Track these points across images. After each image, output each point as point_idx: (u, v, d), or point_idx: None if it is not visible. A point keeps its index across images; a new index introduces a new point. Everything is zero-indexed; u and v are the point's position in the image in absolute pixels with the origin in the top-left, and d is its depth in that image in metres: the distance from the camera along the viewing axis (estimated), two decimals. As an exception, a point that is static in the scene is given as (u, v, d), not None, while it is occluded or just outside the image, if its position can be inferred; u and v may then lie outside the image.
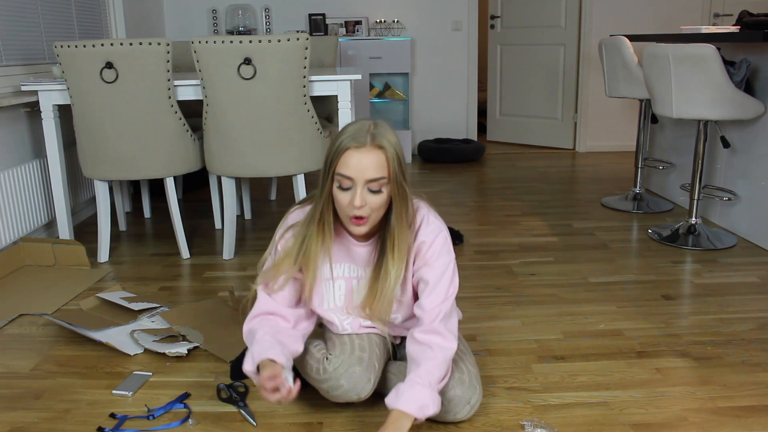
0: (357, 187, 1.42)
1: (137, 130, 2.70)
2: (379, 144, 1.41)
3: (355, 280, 1.62)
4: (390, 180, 1.44)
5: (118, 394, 1.78)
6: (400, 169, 1.44)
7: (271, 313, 1.59)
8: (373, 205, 1.44)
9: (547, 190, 4.11)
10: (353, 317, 1.65)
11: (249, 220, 3.54)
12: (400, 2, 5.28)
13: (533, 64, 5.57)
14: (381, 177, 1.42)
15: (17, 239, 2.87)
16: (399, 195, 1.46)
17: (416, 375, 1.48)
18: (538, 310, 2.30)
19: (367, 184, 1.42)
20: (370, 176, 1.41)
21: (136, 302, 2.35)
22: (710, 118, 2.79)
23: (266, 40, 2.55)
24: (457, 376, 1.58)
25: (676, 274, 2.64)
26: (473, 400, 1.58)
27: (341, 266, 1.62)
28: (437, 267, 1.55)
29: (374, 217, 1.47)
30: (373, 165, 1.40)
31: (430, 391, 1.46)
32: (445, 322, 1.55)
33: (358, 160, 1.40)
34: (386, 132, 1.44)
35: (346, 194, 1.44)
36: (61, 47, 2.60)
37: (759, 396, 1.73)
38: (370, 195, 1.43)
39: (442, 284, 1.55)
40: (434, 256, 1.55)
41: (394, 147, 1.43)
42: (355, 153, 1.40)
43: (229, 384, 1.81)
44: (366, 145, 1.40)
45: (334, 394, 1.57)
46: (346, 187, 1.43)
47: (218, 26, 5.23)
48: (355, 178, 1.41)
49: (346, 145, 1.41)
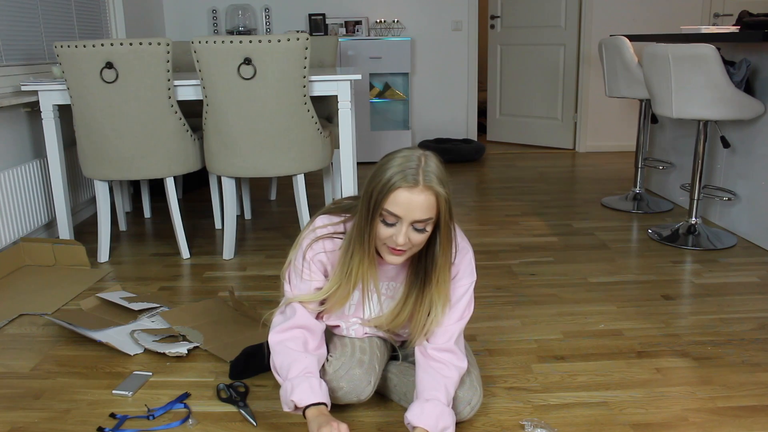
0: (403, 225, 1.39)
1: (137, 130, 2.70)
2: (431, 185, 1.36)
3: (388, 299, 1.61)
4: (437, 220, 1.42)
5: (118, 394, 1.78)
6: (448, 210, 1.41)
7: (304, 327, 1.57)
8: (414, 241, 1.42)
9: (547, 190, 4.11)
10: (361, 325, 1.65)
11: (249, 220, 3.54)
12: (400, 2, 5.28)
13: (533, 64, 5.57)
14: (429, 218, 1.39)
15: (17, 239, 2.87)
16: (445, 235, 1.45)
17: (438, 394, 1.49)
18: (538, 310, 2.30)
19: (414, 224, 1.39)
20: (418, 217, 1.37)
21: (136, 302, 2.35)
22: (710, 118, 2.79)
23: (266, 40, 2.55)
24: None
25: (676, 274, 2.64)
26: (474, 401, 1.58)
27: (383, 284, 1.61)
28: (460, 287, 1.56)
29: (414, 250, 1.46)
30: (423, 207, 1.36)
31: (449, 411, 1.49)
32: (459, 341, 1.58)
33: (408, 201, 1.36)
34: (437, 170, 1.38)
35: (389, 229, 1.40)
36: (61, 47, 2.60)
37: (759, 396, 1.73)
38: (414, 233, 1.40)
39: (461, 303, 1.57)
40: (459, 276, 1.56)
41: (445, 188, 1.38)
42: (406, 192, 1.35)
43: (229, 384, 1.81)
44: (419, 185, 1.35)
45: (335, 396, 1.57)
46: (390, 223, 1.40)
47: (218, 26, 5.23)
48: (403, 217, 1.38)
49: (397, 185, 1.35)
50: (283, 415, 1.67)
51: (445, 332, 1.55)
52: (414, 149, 1.42)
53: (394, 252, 1.43)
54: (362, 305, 1.62)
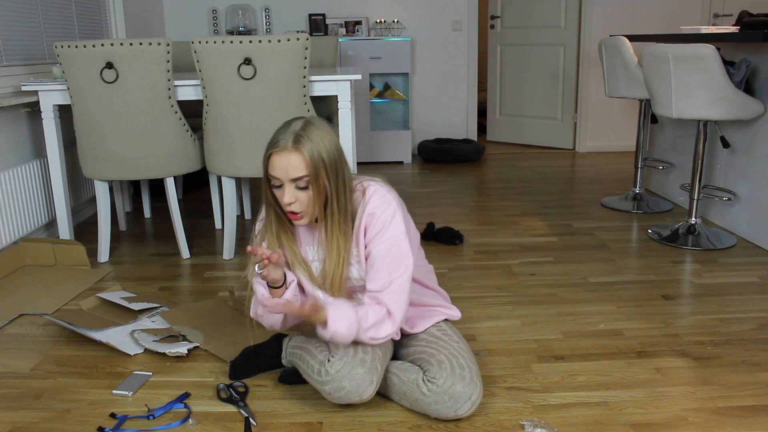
0: (284, 186, 1.54)
1: (137, 130, 2.70)
2: (298, 146, 1.50)
3: (317, 262, 1.69)
4: (315, 176, 1.52)
5: (118, 394, 1.78)
6: (324, 164, 1.52)
7: None
8: (303, 200, 1.55)
9: (547, 190, 4.11)
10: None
11: (249, 220, 3.54)
12: (400, 2, 5.28)
13: (533, 64, 5.57)
14: (303, 176, 1.52)
15: (17, 239, 2.87)
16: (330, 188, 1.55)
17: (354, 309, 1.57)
18: (538, 310, 2.30)
19: (293, 182, 1.53)
20: (293, 176, 1.52)
21: (136, 302, 2.35)
22: (710, 118, 2.79)
23: (266, 40, 2.55)
24: (458, 373, 1.59)
25: (675, 274, 2.64)
26: (474, 396, 1.58)
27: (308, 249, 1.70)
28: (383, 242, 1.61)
29: (309, 211, 1.57)
30: (294, 166, 1.51)
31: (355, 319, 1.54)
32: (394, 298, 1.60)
33: (280, 163, 1.52)
34: (312, 131, 1.53)
35: (279, 191, 1.56)
36: (62, 47, 2.60)
37: (759, 396, 1.73)
38: (299, 191, 1.54)
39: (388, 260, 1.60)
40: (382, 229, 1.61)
41: (318, 147, 1.52)
42: (277, 156, 1.52)
43: (229, 384, 1.81)
44: (287, 147, 1.51)
45: (336, 396, 1.57)
46: (277, 185, 1.56)
47: (218, 26, 5.23)
48: (282, 178, 1.53)
49: (270, 151, 1.53)
50: (284, 415, 1.67)
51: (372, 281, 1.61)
52: (297, 118, 1.58)
53: (292, 216, 1.57)
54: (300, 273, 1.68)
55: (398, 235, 1.61)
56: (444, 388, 1.56)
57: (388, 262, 1.60)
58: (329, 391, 1.58)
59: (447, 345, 1.68)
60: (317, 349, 1.66)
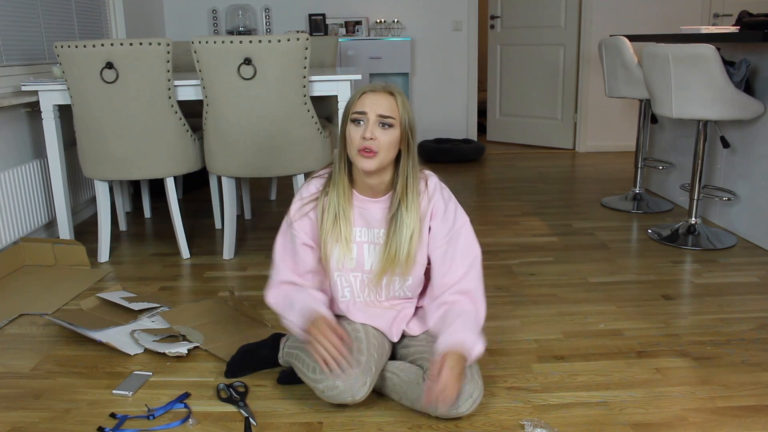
0: (369, 121, 1.56)
1: (137, 131, 2.70)
2: (392, 91, 1.59)
3: (368, 245, 1.69)
4: (399, 123, 1.58)
5: (118, 394, 1.78)
6: (408, 120, 1.59)
7: (289, 282, 1.72)
8: (382, 141, 1.57)
9: (547, 190, 4.11)
10: (357, 286, 1.72)
11: (249, 220, 3.54)
12: (400, 2, 5.28)
13: (533, 64, 5.57)
14: (391, 115, 1.57)
15: (17, 239, 2.87)
16: (407, 144, 1.61)
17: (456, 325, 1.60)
18: (538, 310, 2.30)
19: (379, 119, 1.56)
20: (382, 112, 1.56)
21: (136, 302, 2.35)
22: (710, 118, 2.79)
23: (266, 40, 2.55)
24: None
25: (675, 274, 2.64)
26: (475, 394, 1.58)
27: (359, 230, 1.70)
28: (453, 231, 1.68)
29: (383, 156, 1.58)
30: (385, 105, 1.57)
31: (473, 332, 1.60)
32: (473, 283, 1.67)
33: (372, 99, 1.57)
34: (400, 90, 1.63)
35: (358, 129, 1.58)
36: (62, 47, 2.60)
37: (759, 396, 1.73)
38: (380, 130, 1.57)
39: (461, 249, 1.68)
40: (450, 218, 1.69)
41: (404, 102, 1.60)
42: (370, 94, 1.58)
43: (229, 384, 1.81)
44: (382, 90, 1.59)
45: (330, 395, 1.58)
46: (359, 121, 1.58)
47: (218, 26, 5.23)
48: (367, 112, 1.56)
49: (363, 91, 1.59)
50: (284, 415, 1.67)
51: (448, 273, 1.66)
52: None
53: (365, 154, 1.57)
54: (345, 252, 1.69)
55: (467, 224, 1.71)
56: None
57: (461, 251, 1.67)
58: (322, 389, 1.58)
59: None
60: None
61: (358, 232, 1.70)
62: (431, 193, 1.69)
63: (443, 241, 1.68)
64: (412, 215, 1.64)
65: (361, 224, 1.70)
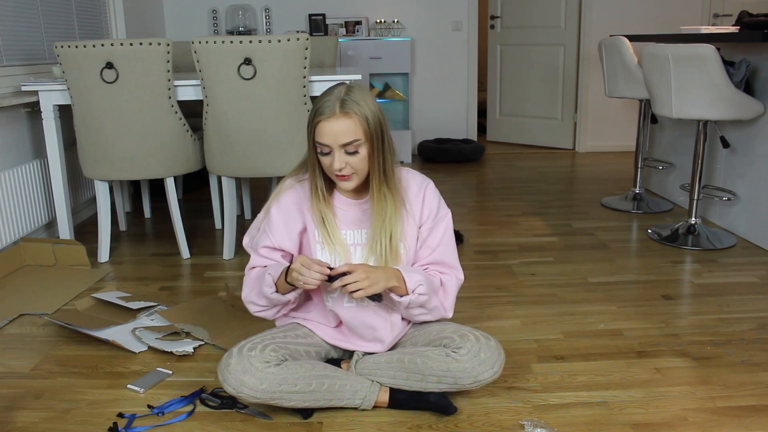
0: (334, 152, 1.55)
1: (137, 130, 2.70)
2: (345, 111, 1.52)
3: (354, 246, 1.68)
4: (365, 137, 1.55)
5: (131, 389, 1.80)
6: (371, 120, 1.55)
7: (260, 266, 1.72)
8: (353, 164, 1.57)
9: (547, 190, 4.11)
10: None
11: (249, 220, 3.54)
12: (400, 2, 5.28)
13: (533, 64, 5.57)
14: (354, 140, 1.54)
15: (17, 239, 2.87)
16: (380, 150, 1.58)
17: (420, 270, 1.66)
18: (538, 310, 2.30)
19: (343, 148, 1.54)
20: (344, 141, 1.53)
21: (132, 301, 2.35)
22: (710, 118, 2.79)
23: (266, 40, 2.55)
24: (483, 341, 1.61)
25: (675, 274, 2.64)
26: (497, 365, 1.60)
27: (344, 233, 1.69)
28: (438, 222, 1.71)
29: (361, 174, 1.60)
30: (344, 131, 1.53)
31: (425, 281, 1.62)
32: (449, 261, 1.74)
33: (329, 129, 1.53)
34: (356, 95, 1.55)
35: (327, 158, 1.57)
36: (62, 47, 2.60)
37: (759, 396, 1.73)
38: (349, 156, 1.56)
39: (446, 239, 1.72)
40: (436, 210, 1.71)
41: (364, 110, 1.54)
42: (326, 123, 1.53)
43: (212, 392, 1.80)
44: (335, 113, 1.52)
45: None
46: (326, 153, 1.56)
47: (218, 26, 5.23)
48: (331, 144, 1.54)
49: (317, 119, 1.54)
50: (284, 415, 1.67)
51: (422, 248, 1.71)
52: (338, 84, 1.59)
53: (341, 178, 1.59)
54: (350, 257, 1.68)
55: (448, 215, 1.73)
56: (473, 353, 1.58)
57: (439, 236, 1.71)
58: None
59: (460, 324, 1.71)
60: None
61: (344, 235, 1.68)
62: (423, 194, 1.70)
63: (429, 233, 1.71)
64: (389, 207, 1.63)
65: (346, 227, 1.69)
